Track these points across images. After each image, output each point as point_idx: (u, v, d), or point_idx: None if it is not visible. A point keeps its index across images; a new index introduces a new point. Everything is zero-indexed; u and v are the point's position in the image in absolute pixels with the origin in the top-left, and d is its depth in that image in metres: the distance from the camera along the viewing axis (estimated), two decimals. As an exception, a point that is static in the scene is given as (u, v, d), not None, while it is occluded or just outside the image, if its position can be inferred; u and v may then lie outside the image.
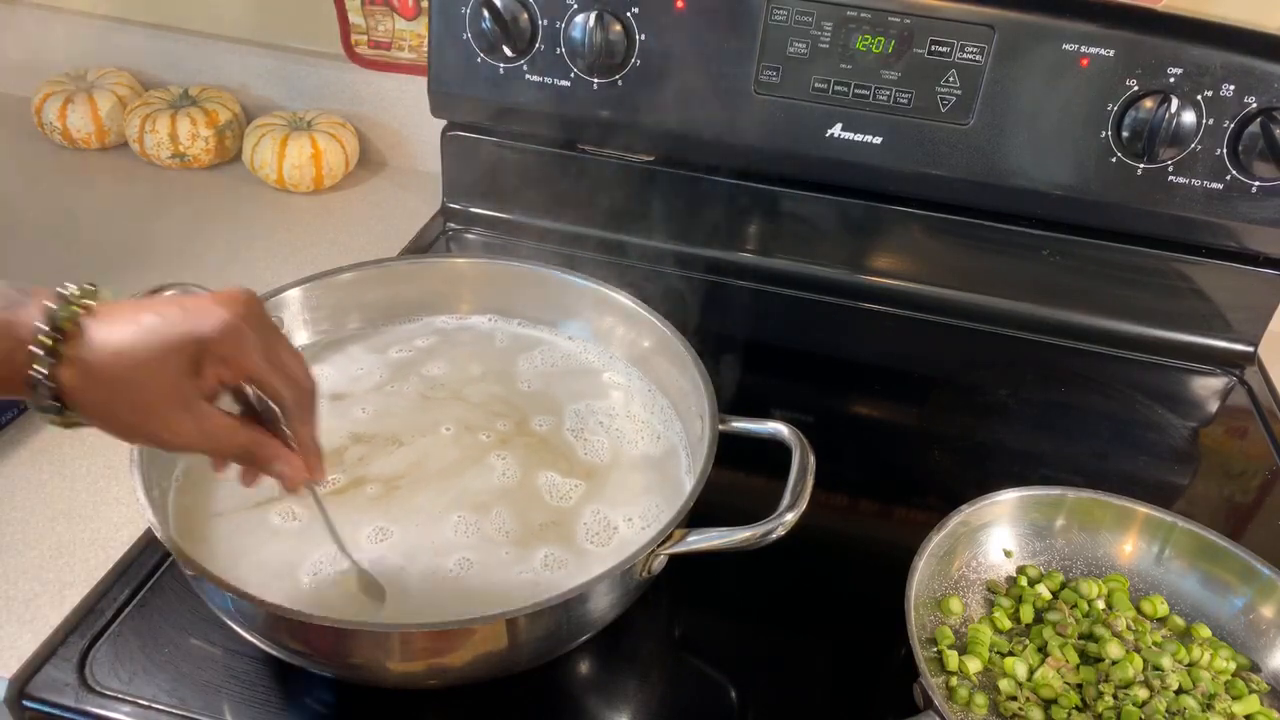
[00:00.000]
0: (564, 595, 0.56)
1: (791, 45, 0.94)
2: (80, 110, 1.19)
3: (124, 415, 0.49)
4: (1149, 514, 0.75)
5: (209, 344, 0.49)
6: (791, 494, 0.62)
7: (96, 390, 0.48)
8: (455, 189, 1.13)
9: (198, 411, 0.50)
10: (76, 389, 0.47)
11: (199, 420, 0.50)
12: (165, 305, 0.50)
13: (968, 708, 0.65)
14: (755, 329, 1.05)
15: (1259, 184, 0.93)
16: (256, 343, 0.51)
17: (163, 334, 0.48)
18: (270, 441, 0.54)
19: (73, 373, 0.47)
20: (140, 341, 0.48)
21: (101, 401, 0.48)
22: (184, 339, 0.49)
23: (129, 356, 0.48)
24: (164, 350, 0.48)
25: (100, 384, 0.48)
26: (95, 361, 0.47)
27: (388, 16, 1.16)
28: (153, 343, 0.48)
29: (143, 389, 0.48)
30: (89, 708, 0.60)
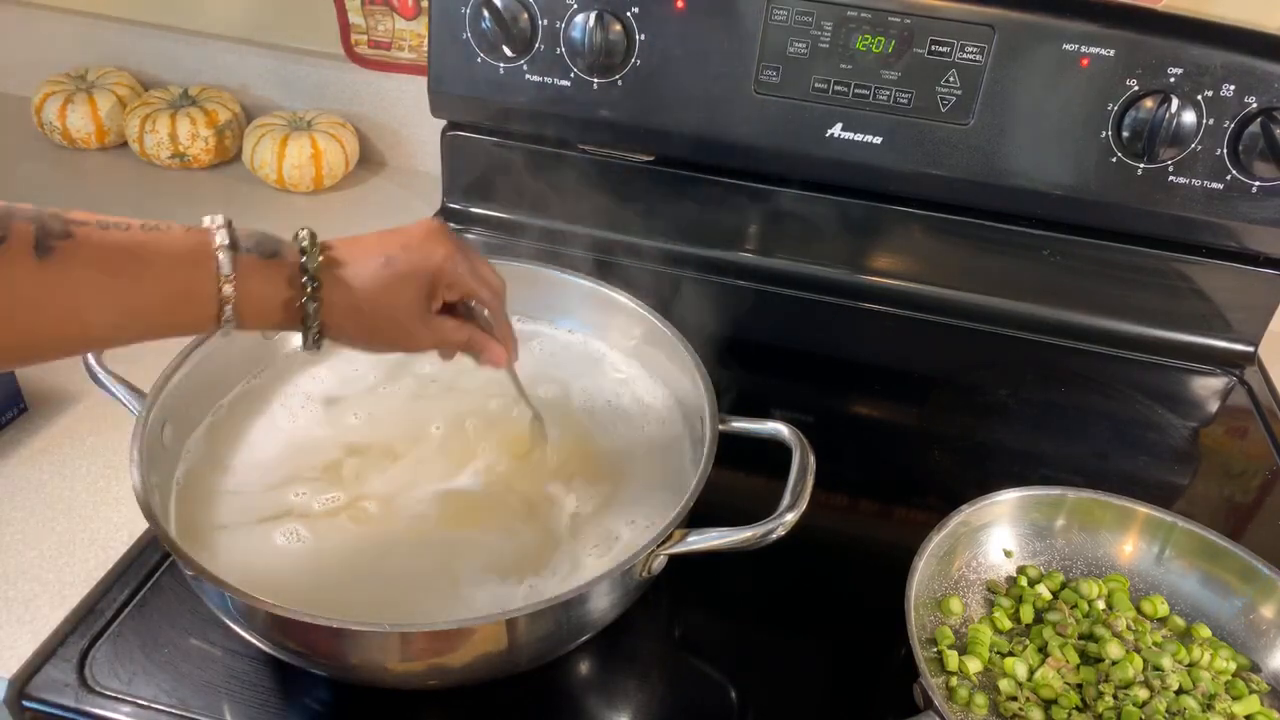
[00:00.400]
0: (564, 595, 0.56)
1: (791, 45, 0.94)
2: (80, 110, 1.19)
3: (380, 334, 0.60)
4: (1149, 514, 0.75)
5: (440, 274, 0.60)
6: (791, 494, 0.62)
7: (353, 320, 0.58)
8: (455, 189, 1.13)
9: (431, 323, 0.62)
10: (337, 311, 0.56)
11: (433, 329, 0.62)
12: (391, 242, 0.59)
13: (968, 708, 0.65)
14: (755, 329, 1.05)
15: (1259, 184, 0.93)
16: (466, 264, 0.62)
17: (401, 269, 0.59)
18: (481, 334, 0.65)
19: (335, 297, 0.56)
20: (385, 277, 0.58)
21: (357, 328, 0.58)
22: (420, 271, 0.59)
23: (382, 283, 0.58)
24: (405, 282, 0.59)
25: (356, 315, 0.57)
26: (353, 286, 0.57)
27: (388, 16, 1.16)
28: (395, 277, 0.58)
29: (392, 313, 0.59)
30: (89, 708, 0.60)
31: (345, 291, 0.56)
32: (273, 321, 0.55)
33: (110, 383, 0.67)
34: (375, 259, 0.58)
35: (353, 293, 0.57)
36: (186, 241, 0.52)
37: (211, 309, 0.52)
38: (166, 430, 0.66)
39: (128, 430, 0.62)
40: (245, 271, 0.52)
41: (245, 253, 0.53)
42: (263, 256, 0.54)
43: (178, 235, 0.52)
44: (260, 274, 0.53)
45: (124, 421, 0.64)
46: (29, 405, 0.82)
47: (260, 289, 0.53)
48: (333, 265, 0.56)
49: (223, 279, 0.52)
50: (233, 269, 0.52)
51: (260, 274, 0.53)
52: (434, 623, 0.56)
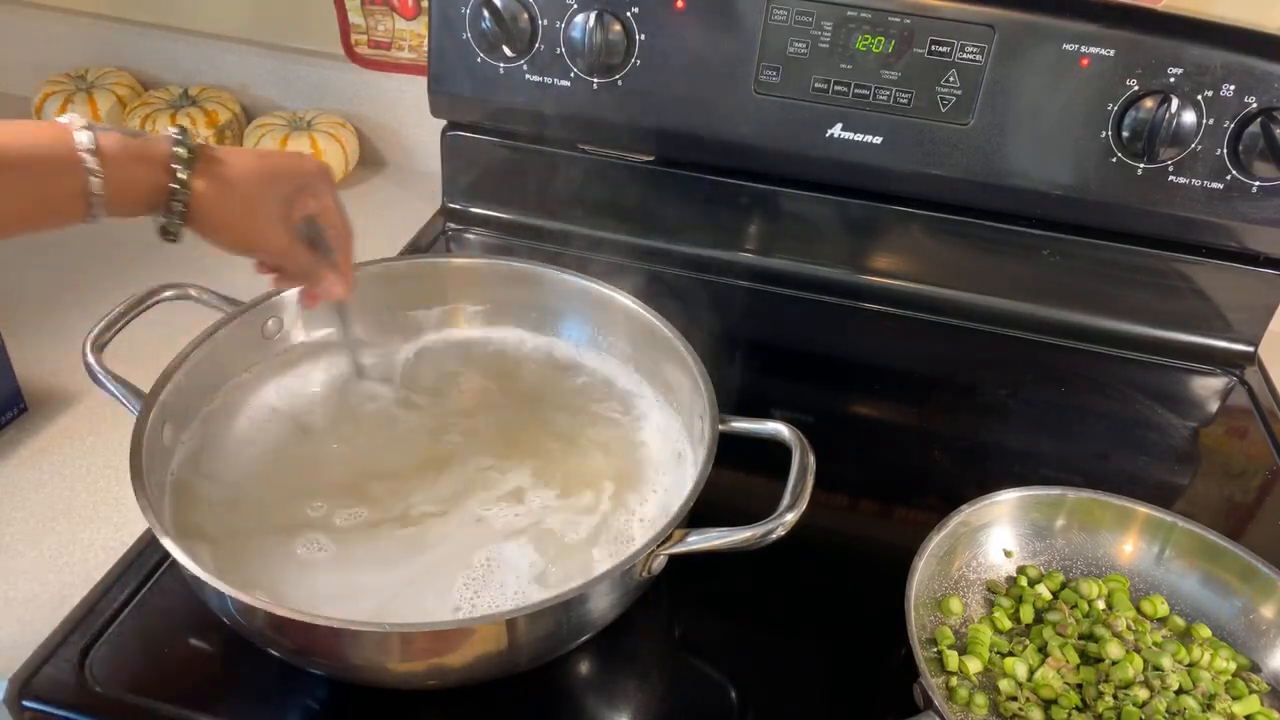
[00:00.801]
0: (564, 595, 0.56)
1: (791, 45, 0.94)
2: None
3: (240, 223, 0.61)
4: (1149, 514, 0.75)
5: (311, 178, 0.64)
6: (791, 494, 0.62)
7: (222, 200, 0.59)
8: (455, 189, 1.12)
9: (290, 229, 0.64)
10: (205, 196, 0.58)
11: (289, 236, 0.64)
12: (268, 150, 0.66)
13: (968, 708, 0.65)
14: (755, 329, 1.05)
15: (1259, 184, 0.92)
16: (333, 192, 0.67)
17: (277, 164, 0.62)
18: (324, 263, 0.68)
19: (204, 182, 0.58)
20: (261, 166, 0.61)
21: (223, 209, 0.59)
22: (294, 170, 0.63)
23: (253, 175, 0.60)
24: (279, 175, 0.62)
25: (226, 194, 0.59)
26: (225, 175, 0.59)
27: (388, 16, 1.16)
28: (270, 168, 0.62)
29: (261, 203, 0.61)
30: (89, 708, 0.60)
31: (215, 172, 0.58)
32: (138, 202, 0.57)
33: (110, 383, 0.67)
34: (249, 154, 0.62)
35: (223, 175, 0.59)
36: (51, 126, 0.53)
37: (75, 188, 0.53)
38: (166, 430, 0.66)
39: (128, 430, 0.62)
40: (111, 147, 0.54)
41: (105, 131, 0.54)
42: (128, 134, 0.56)
43: (42, 124, 0.54)
44: (129, 149, 0.55)
45: (124, 421, 0.64)
46: (29, 405, 0.82)
47: (129, 164, 0.55)
48: (206, 150, 0.59)
49: (83, 153, 0.53)
50: (95, 146, 0.53)
51: (129, 149, 0.55)
52: (434, 623, 0.56)
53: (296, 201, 0.64)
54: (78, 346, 0.68)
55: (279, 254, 0.64)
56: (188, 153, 0.57)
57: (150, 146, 0.56)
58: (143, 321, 0.70)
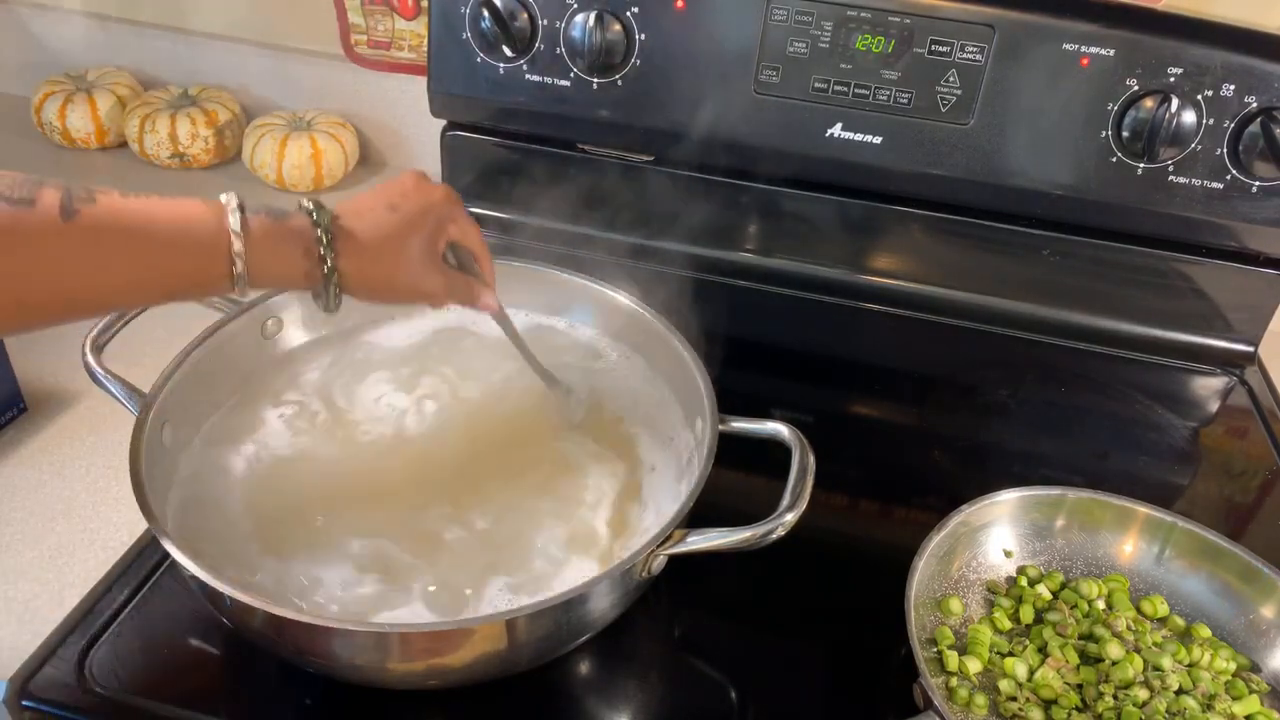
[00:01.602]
0: (564, 595, 0.56)
1: (791, 45, 0.94)
2: (80, 110, 1.19)
3: (395, 283, 0.62)
4: (1149, 514, 0.75)
5: (445, 211, 0.63)
6: (791, 494, 0.62)
7: (371, 269, 0.60)
8: (455, 189, 1.12)
9: (440, 267, 0.64)
10: (354, 271, 0.59)
11: (443, 274, 0.64)
12: (389, 192, 0.61)
13: (968, 708, 0.65)
14: (755, 329, 1.05)
15: (1259, 184, 0.92)
16: (461, 206, 0.65)
17: (410, 211, 0.61)
18: (476, 282, 0.68)
19: (349, 260, 0.58)
20: (396, 221, 0.60)
21: (375, 277, 0.60)
22: (426, 211, 0.62)
23: (393, 233, 0.60)
24: (414, 225, 0.61)
25: (373, 263, 0.59)
26: (366, 244, 0.59)
27: (387, 16, 1.16)
28: (405, 220, 0.61)
29: (407, 257, 0.61)
30: (89, 708, 0.60)
31: (357, 243, 0.59)
32: (287, 281, 0.58)
33: (110, 383, 0.67)
34: (379, 209, 0.61)
35: (365, 243, 0.59)
36: (201, 207, 0.55)
37: (223, 267, 0.54)
38: (166, 430, 0.66)
39: (128, 430, 0.62)
40: (257, 230, 0.55)
41: (254, 213, 0.55)
42: (272, 216, 0.56)
43: (194, 202, 0.55)
44: (272, 233, 0.56)
45: (124, 421, 0.64)
46: (29, 405, 0.82)
47: (272, 247, 0.56)
48: (340, 218, 0.59)
49: (233, 237, 0.54)
50: (241, 225, 0.54)
51: (272, 233, 0.56)
52: (434, 623, 0.56)
53: (438, 238, 0.63)
54: (78, 346, 0.68)
55: (439, 295, 0.65)
56: (327, 236, 0.57)
57: (291, 228, 0.57)
58: (143, 321, 0.70)
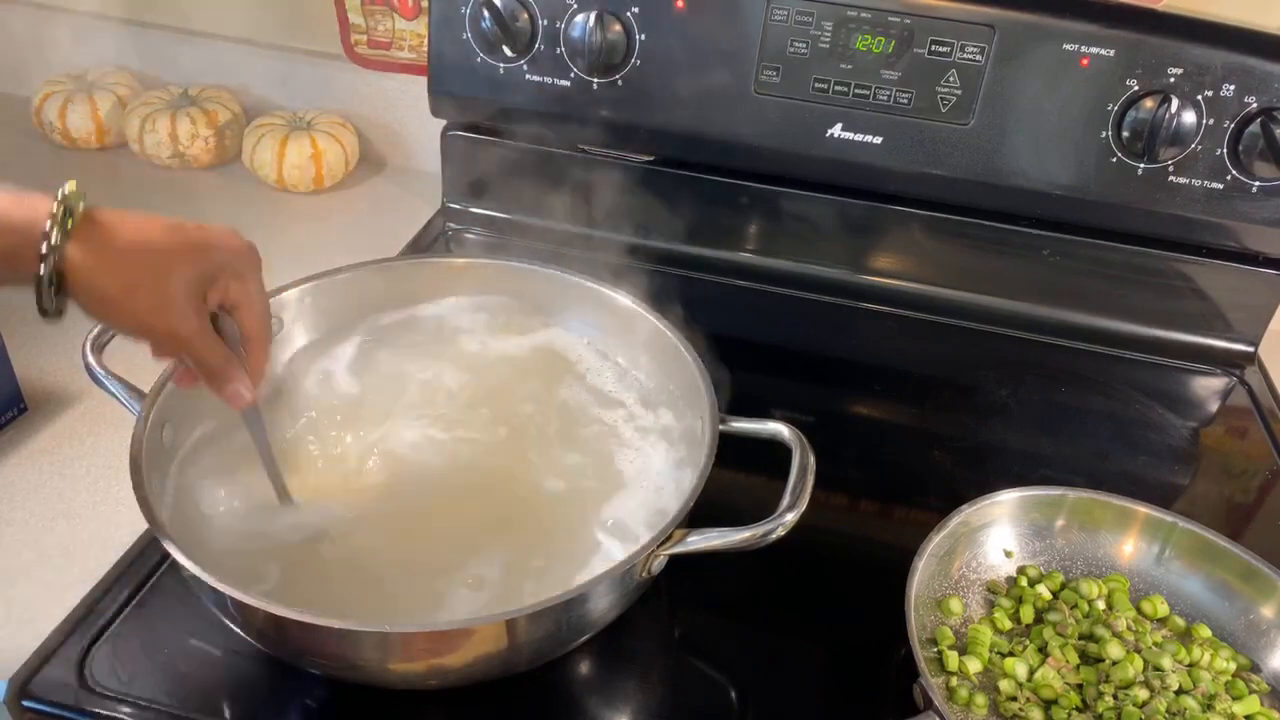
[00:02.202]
0: (564, 595, 0.56)
1: (791, 45, 0.94)
2: (80, 110, 1.19)
3: (132, 299, 0.51)
4: (1149, 514, 0.75)
5: (236, 257, 0.55)
6: (791, 494, 0.62)
7: (108, 270, 0.50)
8: (455, 189, 1.12)
9: (201, 314, 0.54)
10: (84, 267, 0.49)
11: (199, 323, 0.54)
12: (180, 222, 0.54)
13: (968, 708, 0.65)
14: (755, 329, 1.05)
15: (1259, 184, 0.92)
16: (259, 277, 0.57)
17: (195, 237, 0.53)
18: (235, 362, 0.58)
19: (83, 248, 0.49)
20: (172, 239, 0.52)
21: (109, 281, 0.50)
22: (215, 245, 0.54)
23: (159, 246, 0.52)
24: (196, 250, 0.53)
25: (114, 263, 0.50)
26: (116, 242, 0.50)
27: (388, 16, 1.16)
28: (184, 241, 0.52)
29: (164, 278, 0.52)
30: (89, 708, 0.60)
31: (105, 237, 0.50)
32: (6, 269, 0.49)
33: (110, 383, 0.67)
34: (159, 222, 0.53)
35: (116, 242, 0.51)
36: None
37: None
38: (166, 430, 0.66)
39: (128, 430, 0.62)
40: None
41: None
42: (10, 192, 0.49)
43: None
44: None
45: (124, 421, 0.64)
46: (29, 405, 0.82)
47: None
48: (96, 213, 0.51)
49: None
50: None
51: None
52: (434, 623, 0.56)
53: (215, 283, 0.54)
54: (78, 346, 0.68)
55: (181, 342, 0.55)
56: (65, 213, 0.48)
57: (25, 206, 0.49)
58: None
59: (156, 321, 0.53)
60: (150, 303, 0.52)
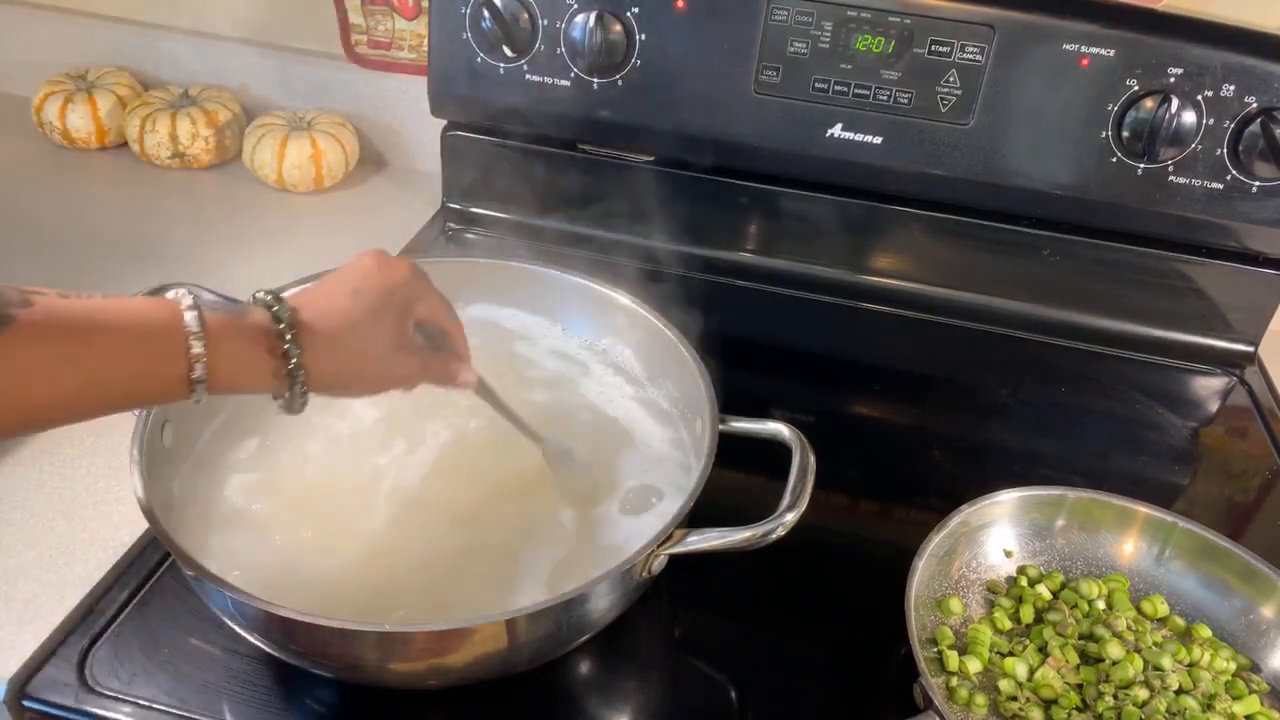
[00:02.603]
0: (564, 595, 0.56)
1: (791, 45, 0.94)
2: (80, 110, 1.19)
3: (366, 374, 0.56)
4: (1149, 514, 0.75)
5: (410, 290, 0.58)
6: (791, 494, 0.62)
7: (339, 362, 0.54)
8: (455, 189, 1.12)
9: (414, 348, 0.59)
10: (321, 367, 0.53)
11: (417, 355, 0.59)
12: (350, 276, 0.56)
13: (968, 708, 0.65)
14: (755, 329, 1.05)
15: (1259, 184, 0.92)
16: (428, 282, 0.60)
17: (373, 296, 0.56)
18: (451, 359, 0.63)
19: (316, 355, 0.52)
20: (359, 306, 0.55)
21: (343, 371, 0.55)
22: (391, 292, 0.56)
23: (357, 320, 0.55)
24: (381, 308, 0.56)
25: (340, 355, 0.54)
26: (331, 334, 0.53)
27: (388, 16, 1.16)
28: (369, 306, 0.55)
29: (375, 346, 0.55)
30: (89, 708, 0.60)
31: (322, 336, 0.53)
32: (249, 382, 0.51)
33: (110, 383, 0.67)
34: (341, 295, 0.55)
35: (330, 336, 0.53)
36: (150, 304, 0.49)
37: (180, 370, 0.48)
38: (166, 430, 0.66)
39: (128, 430, 0.62)
40: (216, 330, 0.49)
41: (209, 310, 0.49)
42: (229, 313, 0.50)
43: (141, 300, 0.49)
44: (230, 330, 0.50)
45: (124, 421, 0.63)
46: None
47: (233, 347, 0.50)
48: (301, 310, 0.53)
49: (191, 337, 0.48)
50: (200, 327, 0.48)
51: (230, 330, 0.50)
52: (434, 623, 0.56)
53: (406, 320, 0.58)
54: (78, 346, 0.68)
55: (412, 380, 0.59)
56: (291, 331, 0.51)
57: (251, 325, 0.51)
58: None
59: (388, 380, 0.58)
60: (378, 370, 0.57)
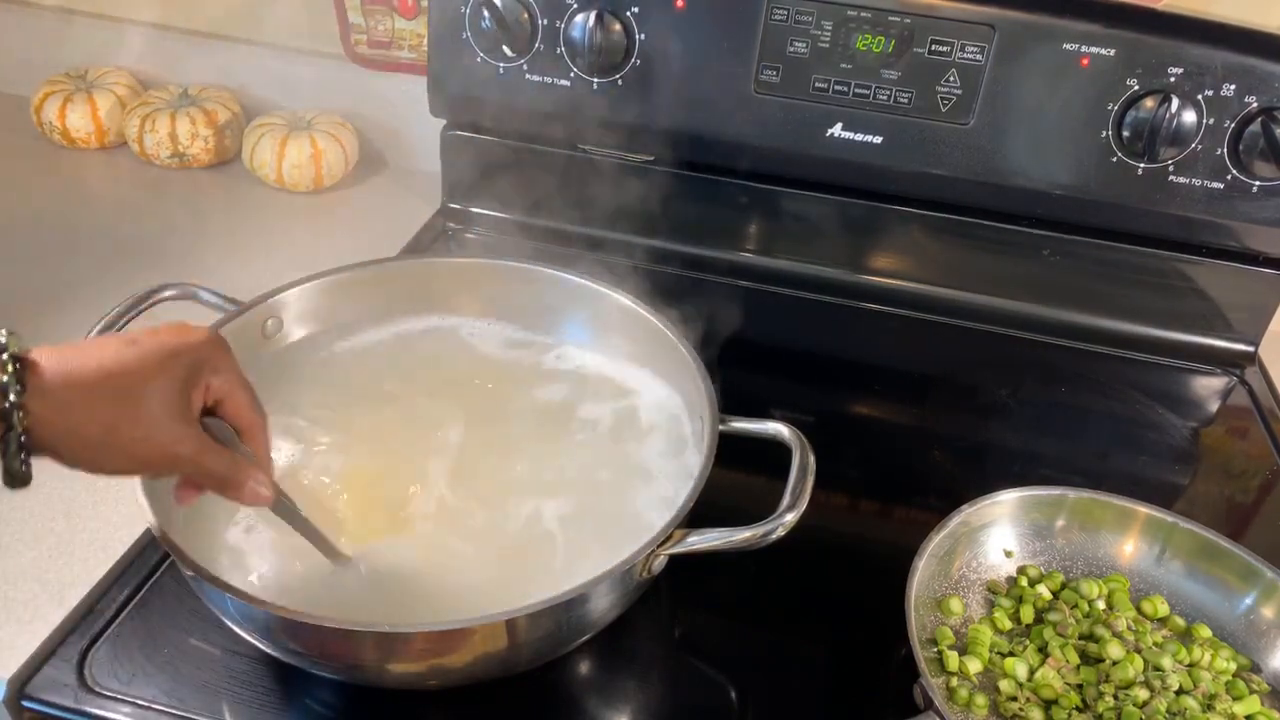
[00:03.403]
0: (564, 595, 0.56)
1: (791, 45, 0.94)
2: (80, 110, 1.19)
3: (122, 435, 0.46)
4: (1149, 514, 0.75)
5: (203, 352, 0.49)
6: (791, 494, 0.62)
7: (81, 415, 0.44)
8: (455, 189, 1.12)
9: (193, 425, 0.49)
10: (52, 420, 0.43)
11: (197, 435, 0.49)
12: (128, 335, 0.48)
13: (968, 708, 0.65)
14: (755, 329, 1.04)
15: (1259, 184, 0.92)
16: (233, 360, 0.52)
17: (151, 349, 0.47)
18: (243, 462, 0.52)
19: (45, 403, 0.43)
20: (128, 358, 0.46)
21: (86, 427, 0.44)
22: (177, 352, 0.48)
23: (125, 371, 0.45)
24: (158, 363, 0.47)
25: (86, 407, 0.44)
26: (79, 380, 0.44)
27: (388, 16, 1.16)
28: (143, 356, 0.46)
29: (140, 403, 0.46)
30: (88, 708, 0.60)
31: (63, 378, 0.44)
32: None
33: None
34: (111, 343, 0.46)
35: (77, 379, 0.44)
36: None
37: None
38: (166, 430, 0.66)
39: (127, 430, 0.62)
40: None
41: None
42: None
43: None
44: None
45: (124, 421, 0.64)
46: None
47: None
48: (41, 355, 0.44)
49: None
50: None
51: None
52: (434, 623, 0.56)
53: (192, 387, 0.48)
54: (78, 346, 0.68)
55: (184, 462, 0.49)
56: (14, 364, 0.42)
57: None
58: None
59: (151, 452, 0.47)
60: (137, 434, 0.46)
